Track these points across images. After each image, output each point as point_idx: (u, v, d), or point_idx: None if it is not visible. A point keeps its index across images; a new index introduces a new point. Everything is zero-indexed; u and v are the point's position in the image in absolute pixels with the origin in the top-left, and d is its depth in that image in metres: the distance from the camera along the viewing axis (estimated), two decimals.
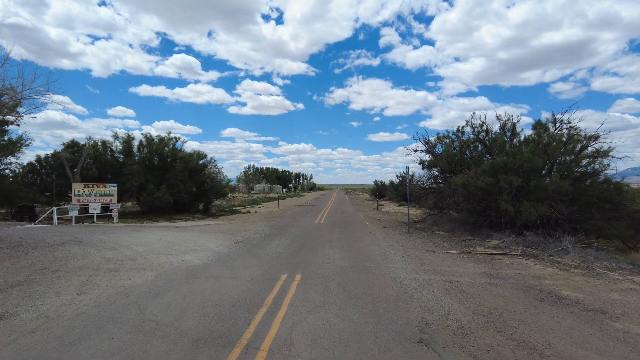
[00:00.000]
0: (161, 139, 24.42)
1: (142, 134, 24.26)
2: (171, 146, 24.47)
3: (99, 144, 23.96)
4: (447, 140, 16.16)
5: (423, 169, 15.99)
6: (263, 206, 34.77)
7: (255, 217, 20.87)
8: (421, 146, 15.75)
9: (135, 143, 24.44)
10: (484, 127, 14.19)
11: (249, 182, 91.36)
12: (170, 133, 24.84)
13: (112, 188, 17.99)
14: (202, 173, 25.60)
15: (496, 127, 15.17)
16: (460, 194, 12.39)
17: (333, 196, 65.10)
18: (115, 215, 17.54)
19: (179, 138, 24.84)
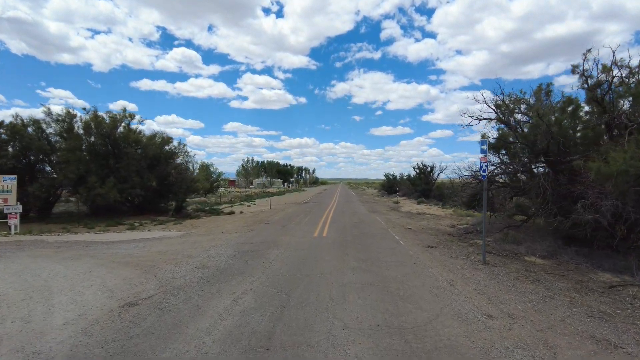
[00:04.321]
0: (113, 118, 18.39)
1: (83, 108, 18.24)
2: (125, 124, 18.42)
3: (30, 123, 17.91)
4: (526, 105, 10.00)
5: (488, 150, 9.82)
6: (254, 204, 28.86)
7: (231, 223, 14.87)
8: (488, 112, 9.54)
9: (80, 124, 18.41)
10: (611, 75, 7.99)
11: (247, 177, 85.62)
12: (125, 110, 18.81)
13: (8, 182, 12.02)
14: (169, 163, 19.60)
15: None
16: (597, 191, 6.27)
17: (337, 192, 58.92)
18: (13, 222, 11.63)
19: (134, 116, 18.78)
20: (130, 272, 6.35)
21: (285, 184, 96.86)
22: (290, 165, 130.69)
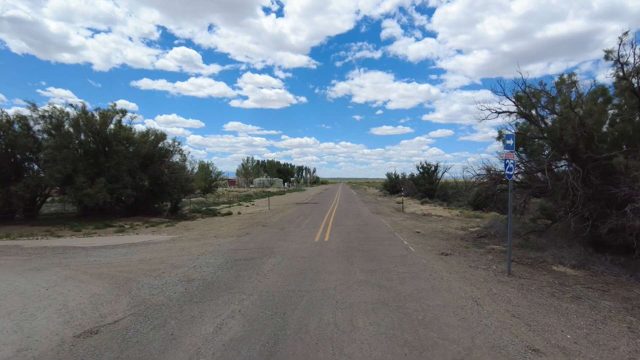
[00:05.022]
0: (103, 114, 17.50)
1: (70, 104, 17.33)
2: (116, 121, 17.53)
3: (16, 120, 17.01)
4: (547, 97, 9.10)
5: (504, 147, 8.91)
6: (253, 204, 27.99)
7: (226, 226, 13.99)
8: (508, 105, 8.61)
9: (69, 122, 17.51)
10: None
11: (247, 176, 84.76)
12: (115, 105, 17.92)
13: None
14: (163, 161, 18.69)
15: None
16: None
17: (338, 191, 58.02)
18: None
19: (125, 112, 17.87)
20: (101, 287, 5.46)
21: (286, 184, 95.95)
22: (290, 164, 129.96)
